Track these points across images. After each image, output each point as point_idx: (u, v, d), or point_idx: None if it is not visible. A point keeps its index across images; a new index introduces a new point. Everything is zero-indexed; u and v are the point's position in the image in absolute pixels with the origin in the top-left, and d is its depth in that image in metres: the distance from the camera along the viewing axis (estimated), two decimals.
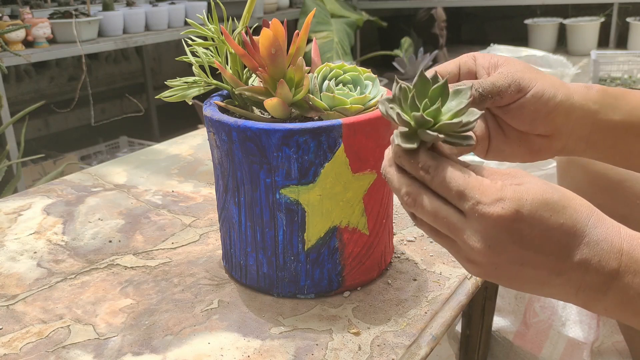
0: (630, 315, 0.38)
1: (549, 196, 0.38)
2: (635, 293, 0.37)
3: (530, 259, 0.37)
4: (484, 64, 0.50)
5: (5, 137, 1.81)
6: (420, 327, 0.51)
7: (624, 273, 0.37)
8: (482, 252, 0.37)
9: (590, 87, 0.50)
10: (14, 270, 0.63)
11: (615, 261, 0.37)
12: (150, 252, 0.65)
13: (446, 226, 0.39)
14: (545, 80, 0.48)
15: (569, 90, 0.48)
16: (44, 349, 0.50)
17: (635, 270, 0.37)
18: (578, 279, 0.38)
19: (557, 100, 0.48)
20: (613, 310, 0.38)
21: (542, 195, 0.38)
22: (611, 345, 0.84)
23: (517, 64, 0.49)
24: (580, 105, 0.48)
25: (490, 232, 0.37)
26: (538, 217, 0.37)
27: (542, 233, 0.37)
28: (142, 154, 0.98)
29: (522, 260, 0.38)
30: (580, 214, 0.38)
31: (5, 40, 1.86)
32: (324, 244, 0.53)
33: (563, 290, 0.39)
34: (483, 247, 0.37)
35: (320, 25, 2.78)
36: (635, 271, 0.37)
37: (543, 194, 0.38)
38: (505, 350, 0.92)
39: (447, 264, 0.60)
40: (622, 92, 0.50)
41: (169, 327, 0.52)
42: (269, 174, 0.51)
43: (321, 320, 0.52)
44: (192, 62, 0.56)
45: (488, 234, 0.37)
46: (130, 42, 2.33)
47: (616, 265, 0.37)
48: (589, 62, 2.88)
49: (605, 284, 0.37)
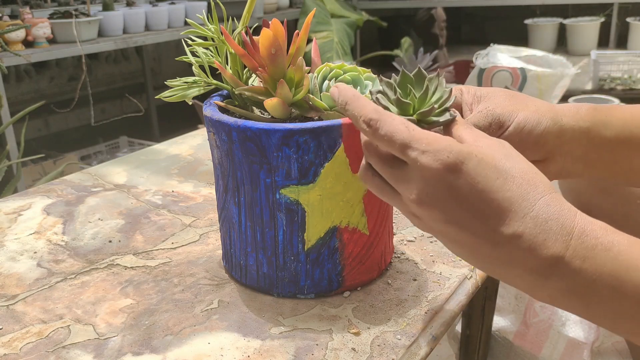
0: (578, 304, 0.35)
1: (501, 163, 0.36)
2: (583, 281, 0.34)
3: (467, 221, 0.35)
4: (467, 101, 0.49)
5: (5, 137, 1.81)
6: (420, 327, 0.51)
7: (571, 258, 0.34)
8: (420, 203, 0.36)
9: (579, 106, 0.49)
10: (14, 270, 0.63)
11: (563, 244, 0.34)
12: (150, 252, 0.65)
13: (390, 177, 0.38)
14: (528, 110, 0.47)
15: (556, 113, 0.47)
16: (44, 349, 0.50)
17: (584, 256, 0.34)
18: (517, 256, 0.35)
19: (542, 128, 0.46)
20: (558, 298, 0.36)
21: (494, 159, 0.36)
22: (611, 345, 0.84)
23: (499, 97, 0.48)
24: (570, 127, 0.47)
25: (430, 182, 0.35)
26: (482, 176, 0.35)
27: (483, 194, 0.35)
28: (142, 154, 0.98)
29: (458, 220, 0.35)
30: (533, 188, 0.35)
31: (5, 40, 1.86)
32: (324, 244, 0.53)
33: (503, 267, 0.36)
34: (421, 198, 0.36)
35: (320, 25, 2.78)
36: (584, 257, 0.34)
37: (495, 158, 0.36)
38: (505, 350, 0.92)
39: (447, 264, 0.60)
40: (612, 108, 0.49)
41: (169, 327, 0.52)
42: (269, 174, 0.51)
43: (321, 320, 0.52)
44: (192, 62, 0.56)
45: (427, 185, 0.35)
46: (130, 42, 2.33)
47: (563, 249, 0.34)
48: (589, 62, 2.88)
49: (550, 268, 0.34)
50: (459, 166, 0.35)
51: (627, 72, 2.64)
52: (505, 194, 0.35)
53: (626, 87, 2.64)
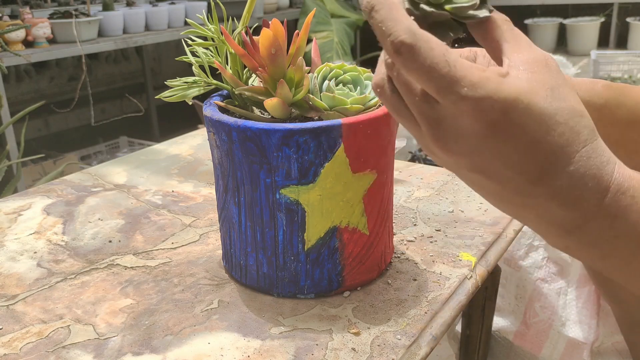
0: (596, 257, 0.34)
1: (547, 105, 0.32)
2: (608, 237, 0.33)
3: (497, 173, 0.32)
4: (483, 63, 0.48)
5: (5, 137, 1.81)
6: (420, 327, 0.51)
7: (602, 216, 0.32)
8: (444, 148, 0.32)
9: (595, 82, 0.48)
10: (14, 270, 0.63)
11: (596, 202, 0.32)
12: (150, 252, 0.65)
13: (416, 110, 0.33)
14: None
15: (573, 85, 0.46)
16: (44, 349, 0.50)
17: (615, 214, 0.32)
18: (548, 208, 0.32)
19: None
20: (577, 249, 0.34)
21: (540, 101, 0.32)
22: (611, 345, 0.84)
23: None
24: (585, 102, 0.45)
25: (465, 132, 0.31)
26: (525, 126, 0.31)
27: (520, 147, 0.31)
28: (142, 154, 0.98)
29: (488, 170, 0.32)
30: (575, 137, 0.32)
31: (5, 40, 1.86)
32: (324, 244, 0.53)
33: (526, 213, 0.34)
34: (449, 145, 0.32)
35: (320, 25, 2.78)
36: (615, 215, 0.32)
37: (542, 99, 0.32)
38: (505, 350, 0.92)
39: (447, 264, 0.60)
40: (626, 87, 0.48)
41: (169, 327, 0.52)
42: (269, 174, 0.51)
43: (321, 320, 0.52)
44: (192, 62, 0.56)
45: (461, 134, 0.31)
46: (130, 42, 2.33)
47: (595, 208, 0.32)
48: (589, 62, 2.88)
49: (577, 225, 0.33)
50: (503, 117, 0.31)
51: (627, 72, 2.64)
52: (545, 147, 0.31)
53: None
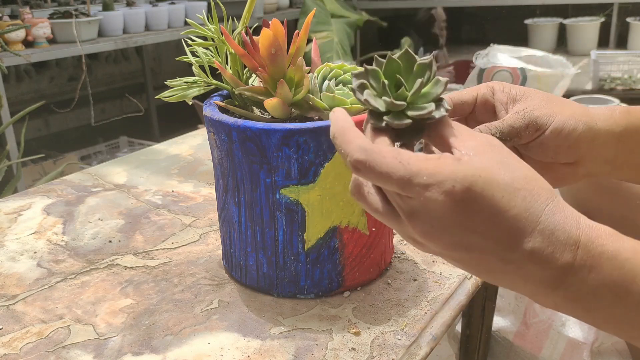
0: (580, 311, 0.35)
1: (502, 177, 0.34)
2: (588, 289, 0.34)
3: (477, 245, 0.34)
4: (502, 100, 0.48)
5: (5, 137, 1.81)
6: (420, 327, 0.51)
7: (578, 268, 0.34)
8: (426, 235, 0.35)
9: (613, 109, 0.49)
10: (14, 270, 0.63)
11: (570, 254, 0.34)
12: (150, 252, 0.65)
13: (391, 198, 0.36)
14: (565, 113, 0.47)
15: (591, 118, 0.47)
16: (44, 349, 0.50)
17: (591, 265, 0.34)
18: (528, 269, 0.34)
19: (578, 132, 0.46)
20: (563, 305, 0.36)
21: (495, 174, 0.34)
22: (611, 346, 0.84)
23: (536, 98, 0.47)
24: (605, 131, 0.47)
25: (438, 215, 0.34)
26: (489, 198, 0.34)
27: (492, 217, 0.34)
28: (142, 154, 0.98)
29: (467, 245, 0.34)
30: (536, 198, 0.35)
31: (5, 40, 1.86)
32: (324, 244, 0.53)
33: (510, 278, 0.35)
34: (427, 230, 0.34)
35: (320, 25, 2.78)
36: (590, 266, 0.34)
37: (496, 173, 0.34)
38: (505, 350, 0.92)
39: (447, 264, 0.60)
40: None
41: (169, 327, 0.52)
42: (269, 174, 0.51)
43: (321, 320, 0.52)
44: (192, 62, 0.56)
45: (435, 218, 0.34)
46: (130, 42, 2.33)
47: (571, 259, 0.34)
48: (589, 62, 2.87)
49: (558, 279, 0.34)
50: (467, 194, 0.33)
51: (627, 72, 2.64)
52: (512, 212, 0.34)
53: (626, 87, 2.64)
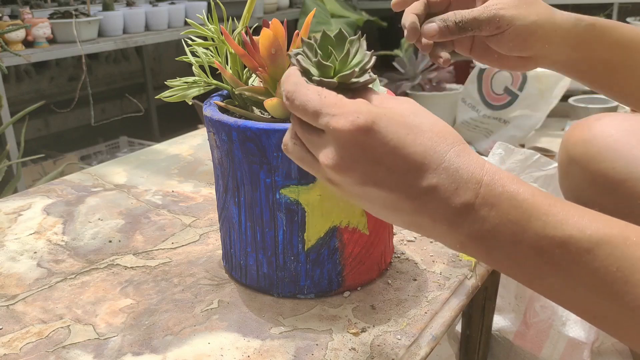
0: (484, 252, 0.36)
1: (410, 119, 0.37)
2: (489, 227, 0.35)
3: (384, 178, 0.36)
4: None
5: (5, 137, 1.80)
6: (420, 327, 0.51)
7: (480, 205, 0.35)
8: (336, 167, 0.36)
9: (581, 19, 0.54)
10: (14, 270, 0.63)
11: (473, 192, 0.35)
12: (150, 252, 0.65)
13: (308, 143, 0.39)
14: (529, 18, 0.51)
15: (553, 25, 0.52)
16: (44, 349, 0.50)
17: (491, 203, 0.35)
18: (433, 206, 0.36)
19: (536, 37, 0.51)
20: (468, 245, 0.37)
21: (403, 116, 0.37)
22: (611, 345, 0.84)
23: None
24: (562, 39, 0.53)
25: (344, 145, 0.36)
26: (394, 133, 0.36)
27: (397, 150, 0.36)
28: (142, 154, 0.98)
29: (375, 179, 0.36)
30: (443, 140, 0.37)
31: (5, 40, 1.86)
32: (324, 244, 0.53)
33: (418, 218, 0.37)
34: (337, 162, 0.36)
35: (320, 25, 2.77)
36: (491, 204, 0.35)
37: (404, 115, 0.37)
38: (505, 350, 0.92)
39: (447, 264, 0.60)
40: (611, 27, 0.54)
41: (169, 327, 0.52)
42: (269, 174, 0.51)
43: (321, 320, 0.52)
44: (192, 62, 0.56)
45: (341, 148, 0.36)
46: (130, 42, 2.33)
47: (473, 196, 0.35)
48: None
49: (462, 215, 0.36)
50: (370, 126, 0.36)
51: None
52: (418, 148, 0.36)
53: None
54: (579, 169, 0.70)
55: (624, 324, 0.34)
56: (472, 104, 2.46)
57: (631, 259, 0.33)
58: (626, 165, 0.63)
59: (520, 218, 0.35)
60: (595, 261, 0.33)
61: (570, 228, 0.34)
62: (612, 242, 0.34)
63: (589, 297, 0.34)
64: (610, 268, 0.33)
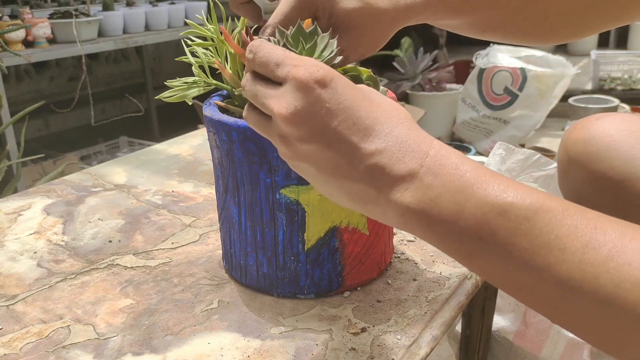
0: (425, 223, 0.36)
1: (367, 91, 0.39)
2: (433, 195, 0.35)
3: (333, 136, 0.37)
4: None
5: (5, 137, 1.80)
6: (420, 327, 0.51)
7: (425, 173, 0.36)
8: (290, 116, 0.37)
9: None
10: (14, 270, 0.63)
11: (418, 160, 0.36)
12: (150, 252, 0.65)
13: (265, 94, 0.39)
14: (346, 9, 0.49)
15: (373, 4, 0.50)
16: (44, 349, 0.50)
17: (436, 172, 0.36)
18: (377, 172, 0.36)
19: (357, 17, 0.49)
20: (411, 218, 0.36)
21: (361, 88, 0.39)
22: None
23: None
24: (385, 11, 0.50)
25: (300, 95, 0.37)
26: (350, 94, 0.37)
27: (350, 110, 0.37)
28: (142, 154, 0.98)
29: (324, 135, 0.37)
30: (396, 114, 0.38)
31: (5, 40, 1.86)
32: (324, 244, 0.53)
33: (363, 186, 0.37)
34: (291, 111, 0.37)
35: None
36: (436, 173, 0.36)
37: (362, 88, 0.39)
38: (505, 350, 0.92)
39: (447, 264, 0.60)
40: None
41: (169, 327, 0.52)
42: (269, 174, 0.51)
43: (321, 320, 0.52)
44: (192, 62, 0.56)
45: (297, 97, 0.37)
46: (130, 42, 2.33)
47: (418, 165, 0.36)
48: (589, 62, 2.88)
49: (405, 181, 0.36)
50: (328, 81, 0.37)
51: (627, 72, 2.64)
52: (370, 114, 0.37)
53: (626, 87, 2.64)
54: (578, 169, 0.70)
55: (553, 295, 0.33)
56: (472, 104, 2.46)
57: (570, 226, 0.33)
58: (625, 165, 0.63)
59: (463, 187, 0.35)
60: (533, 229, 0.33)
61: (511, 196, 0.34)
62: (551, 210, 0.33)
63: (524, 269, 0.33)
64: (548, 236, 0.33)
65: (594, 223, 0.33)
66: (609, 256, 0.32)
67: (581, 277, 0.32)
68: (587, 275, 0.32)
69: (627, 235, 0.32)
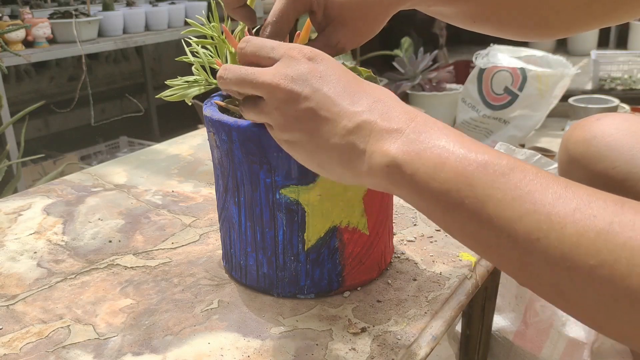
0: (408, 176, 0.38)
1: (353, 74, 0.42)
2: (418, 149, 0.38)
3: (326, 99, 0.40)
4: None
5: (5, 137, 1.80)
6: (420, 327, 0.51)
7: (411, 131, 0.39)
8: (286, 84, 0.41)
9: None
10: (14, 270, 0.63)
11: (405, 122, 0.39)
12: (150, 252, 0.65)
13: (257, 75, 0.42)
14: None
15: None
16: (44, 349, 0.50)
17: (422, 130, 0.39)
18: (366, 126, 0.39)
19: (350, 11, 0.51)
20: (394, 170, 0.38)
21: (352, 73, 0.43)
22: (611, 346, 0.84)
23: None
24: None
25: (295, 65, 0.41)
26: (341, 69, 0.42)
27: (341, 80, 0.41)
28: (142, 154, 0.98)
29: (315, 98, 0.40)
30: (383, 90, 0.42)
31: (5, 40, 1.86)
32: (324, 244, 0.53)
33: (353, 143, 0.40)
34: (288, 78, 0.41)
35: None
36: (422, 131, 0.39)
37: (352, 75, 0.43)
38: (505, 350, 0.92)
39: (447, 264, 0.60)
40: None
41: (169, 327, 0.52)
42: (269, 174, 0.51)
43: (321, 320, 0.52)
44: (192, 62, 0.56)
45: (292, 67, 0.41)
46: (130, 42, 2.33)
47: (405, 125, 0.39)
48: (589, 62, 2.88)
49: (391, 136, 0.39)
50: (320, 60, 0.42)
51: (627, 72, 2.64)
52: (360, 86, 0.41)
53: (626, 87, 2.64)
54: (579, 169, 0.70)
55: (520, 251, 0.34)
56: (472, 104, 2.46)
57: (542, 184, 0.34)
58: (626, 165, 0.63)
59: (447, 146, 0.37)
60: (509, 183, 0.35)
61: (490, 156, 0.36)
62: (526, 170, 0.35)
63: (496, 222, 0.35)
64: (522, 190, 0.34)
65: (565, 183, 0.35)
66: (577, 209, 0.33)
67: (548, 227, 0.33)
68: (554, 225, 0.33)
69: (595, 194, 0.34)
